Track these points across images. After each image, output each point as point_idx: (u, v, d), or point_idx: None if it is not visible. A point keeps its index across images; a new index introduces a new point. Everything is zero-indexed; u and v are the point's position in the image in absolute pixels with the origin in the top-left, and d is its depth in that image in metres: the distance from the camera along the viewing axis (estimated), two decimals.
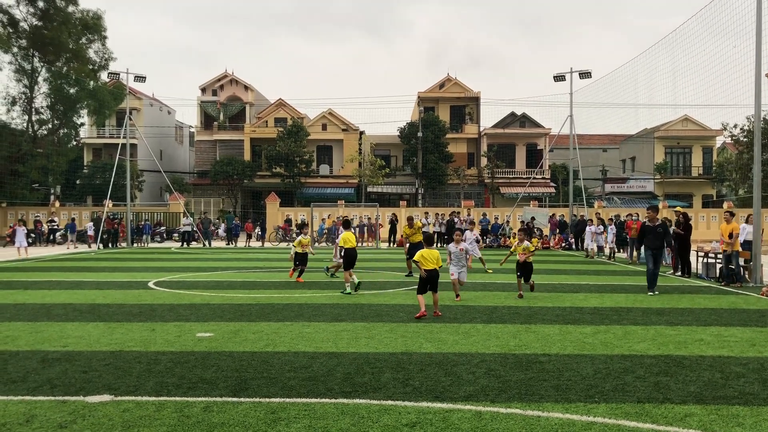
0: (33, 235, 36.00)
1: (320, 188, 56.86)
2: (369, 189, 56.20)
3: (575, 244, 33.74)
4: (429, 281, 11.19)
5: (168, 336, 9.41)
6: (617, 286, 16.57)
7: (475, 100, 61.75)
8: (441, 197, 57.94)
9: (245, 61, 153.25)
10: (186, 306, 12.48)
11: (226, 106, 62.92)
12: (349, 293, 14.32)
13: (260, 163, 58.45)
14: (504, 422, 5.58)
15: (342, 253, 14.98)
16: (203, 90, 64.23)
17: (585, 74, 38.23)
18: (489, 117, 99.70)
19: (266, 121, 60.93)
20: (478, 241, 21.04)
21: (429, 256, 11.31)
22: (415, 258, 11.59)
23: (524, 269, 14.05)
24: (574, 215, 37.61)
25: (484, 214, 39.57)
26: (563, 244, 35.08)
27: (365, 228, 38.52)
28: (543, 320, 10.94)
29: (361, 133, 60.57)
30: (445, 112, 61.08)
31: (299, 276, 17.33)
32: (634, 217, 26.27)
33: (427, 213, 38.31)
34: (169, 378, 7.02)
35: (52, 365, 7.60)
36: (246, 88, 63.88)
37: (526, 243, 14.28)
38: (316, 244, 37.42)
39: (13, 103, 42.83)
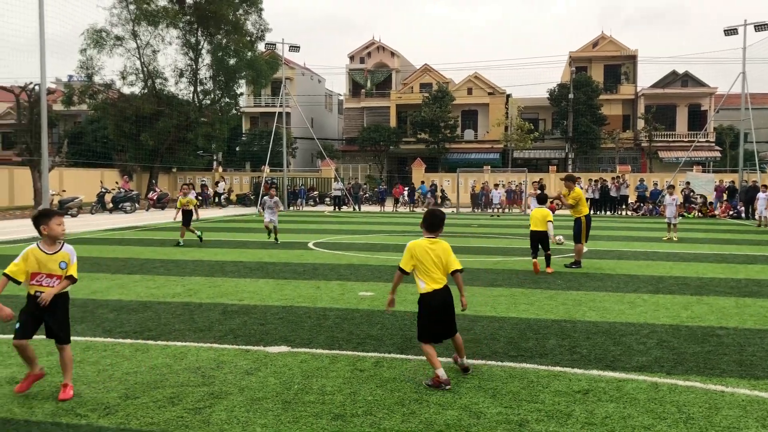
0: (200, 198, 38.92)
1: (465, 153, 56.50)
2: (515, 154, 55.06)
3: (745, 213, 31.17)
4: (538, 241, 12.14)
5: (332, 294, 9.85)
6: None
7: (632, 58, 58.19)
8: (593, 162, 55.58)
9: (392, 27, 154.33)
10: (345, 266, 12.99)
11: (373, 73, 63.91)
12: (180, 244, 17.04)
13: (405, 129, 59.01)
14: (684, 395, 5.30)
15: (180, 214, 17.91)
16: (351, 58, 65.59)
17: (761, 26, 34.72)
18: (647, 76, 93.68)
19: (411, 87, 61.23)
20: (678, 206, 19.91)
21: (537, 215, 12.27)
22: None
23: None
24: (745, 181, 34.64)
25: (642, 180, 37.48)
26: (731, 212, 32.51)
27: (512, 194, 37.90)
28: (716, 292, 10.23)
29: (508, 96, 59.23)
30: (599, 72, 58.11)
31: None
32: None
33: (579, 178, 36.92)
34: (338, 333, 7.36)
35: (232, 317, 8.21)
36: (392, 54, 64.45)
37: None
38: (416, 208, 37.43)
39: (181, 75, 46.14)
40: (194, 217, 18.38)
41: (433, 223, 5.73)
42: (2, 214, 29.86)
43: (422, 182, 43.37)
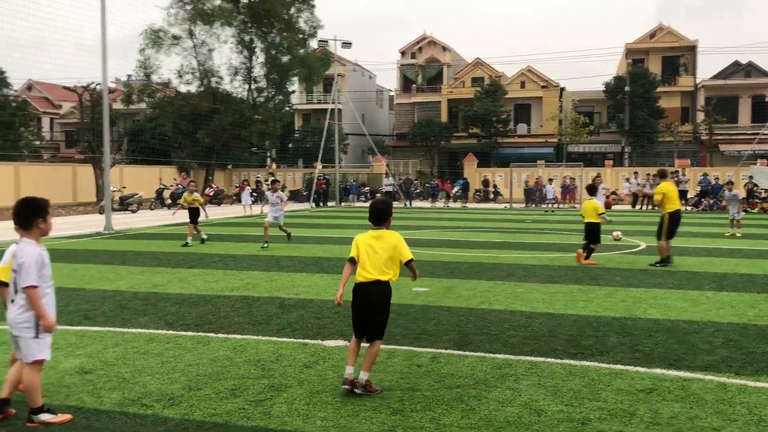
0: (255, 194, 39.54)
1: (518, 148, 55.72)
2: (570, 148, 54.08)
3: None
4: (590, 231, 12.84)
5: None
6: None
7: (691, 49, 56.36)
8: (650, 156, 54.07)
9: (444, 21, 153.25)
10: None
11: (424, 68, 63.66)
12: (187, 244, 15.95)
13: (457, 123, 58.61)
14: (755, 396, 5.11)
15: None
16: (402, 53, 65.47)
17: None
18: (707, 68, 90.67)
19: (463, 82, 60.78)
20: (741, 200, 19.26)
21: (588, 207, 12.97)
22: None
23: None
24: None
25: (705, 174, 36.30)
26: None
27: (566, 189, 37.27)
28: None
29: (562, 89, 58.20)
30: (656, 63, 56.49)
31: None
32: None
33: (636, 173, 36.08)
34: (394, 328, 7.35)
35: (289, 311, 8.31)
36: (444, 49, 64.07)
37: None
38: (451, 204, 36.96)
39: (235, 73, 46.87)
40: (202, 216, 17.06)
41: (375, 215, 5.55)
42: (66, 211, 30.96)
43: (462, 178, 43.15)
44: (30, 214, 4.69)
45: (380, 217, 5.54)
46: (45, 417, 4.56)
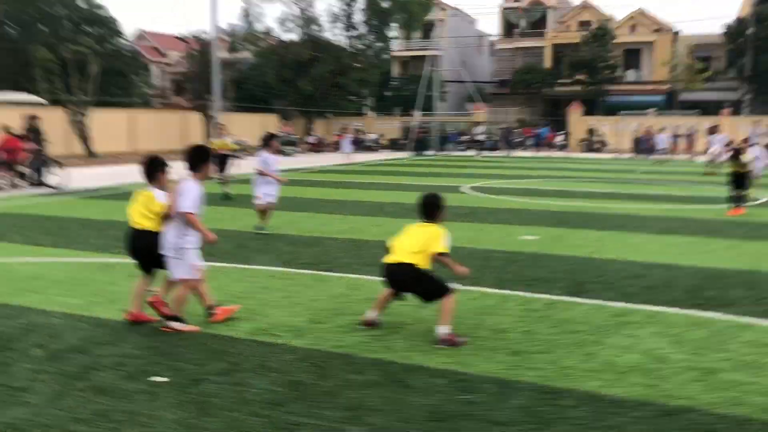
0: (354, 143, 40.01)
1: (626, 95, 53.13)
2: (683, 96, 51.07)
3: None
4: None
5: (493, 236, 9.86)
6: None
7: None
8: None
9: None
10: (505, 210, 12.91)
11: (528, 11, 61.37)
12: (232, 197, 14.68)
13: (561, 70, 56.46)
14: None
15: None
16: None
17: None
18: None
19: (569, 26, 58.20)
20: None
21: None
22: None
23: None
24: None
25: None
26: None
27: (677, 138, 35.37)
28: None
29: (676, 33, 54.67)
30: None
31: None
32: None
33: (757, 122, 33.73)
34: (504, 274, 7.38)
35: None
36: None
37: None
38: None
39: (335, 20, 46.98)
40: (230, 164, 15.52)
41: (421, 210, 5.37)
42: (175, 156, 32.47)
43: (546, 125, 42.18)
44: (200, 159, 5.59)
45: (425, 212, 5.32)
46: (176, 324, 5.23)
